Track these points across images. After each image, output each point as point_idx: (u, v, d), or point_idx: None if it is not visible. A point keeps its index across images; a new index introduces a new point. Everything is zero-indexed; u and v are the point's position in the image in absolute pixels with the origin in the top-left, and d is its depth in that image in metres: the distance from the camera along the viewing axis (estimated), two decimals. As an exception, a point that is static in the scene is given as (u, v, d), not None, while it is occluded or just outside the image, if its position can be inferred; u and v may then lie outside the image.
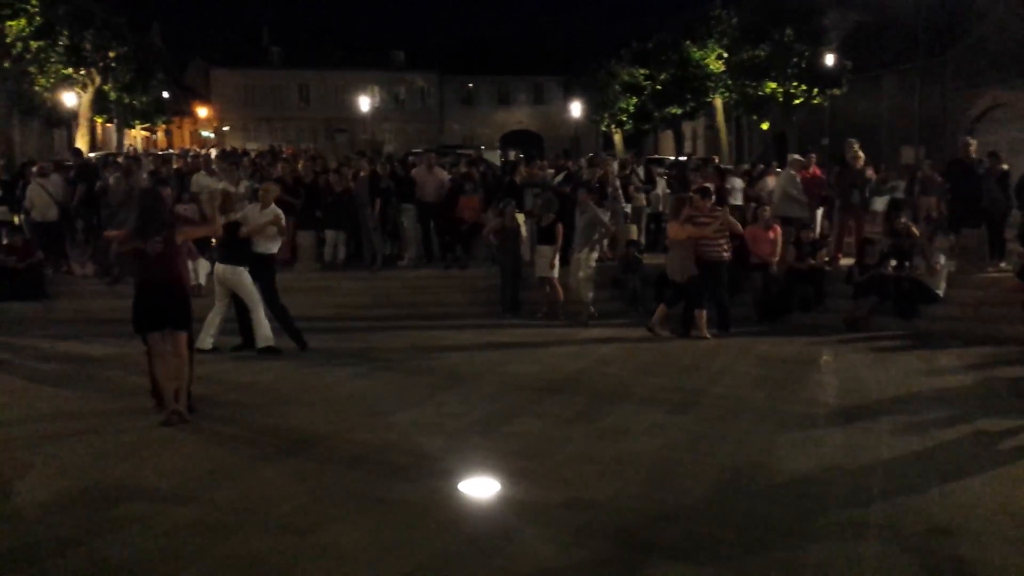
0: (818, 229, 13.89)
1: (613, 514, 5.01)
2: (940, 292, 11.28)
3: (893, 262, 11.65)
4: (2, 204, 13.33)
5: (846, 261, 12.89)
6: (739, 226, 11.07)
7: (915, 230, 12.05)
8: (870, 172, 13.32)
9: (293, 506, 5.10)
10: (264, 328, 9.40)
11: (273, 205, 9.72)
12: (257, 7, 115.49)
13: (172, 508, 5.05)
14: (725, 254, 10.68)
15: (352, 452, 6.11)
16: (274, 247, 9.76)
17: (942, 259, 11.36)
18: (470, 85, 65.89)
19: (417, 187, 14.05)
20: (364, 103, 56.08)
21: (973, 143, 12.90)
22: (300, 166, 15.25)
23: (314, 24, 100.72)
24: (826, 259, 12.58)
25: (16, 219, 13.66)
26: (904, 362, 9.39)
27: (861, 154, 13.18)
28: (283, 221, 9.81)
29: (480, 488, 5.45)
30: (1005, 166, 13.12)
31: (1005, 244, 12.56)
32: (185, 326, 6.92)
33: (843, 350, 10.05)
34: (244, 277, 9.30)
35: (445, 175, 14.86)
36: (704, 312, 10.57)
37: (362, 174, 14.21)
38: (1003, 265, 12.18)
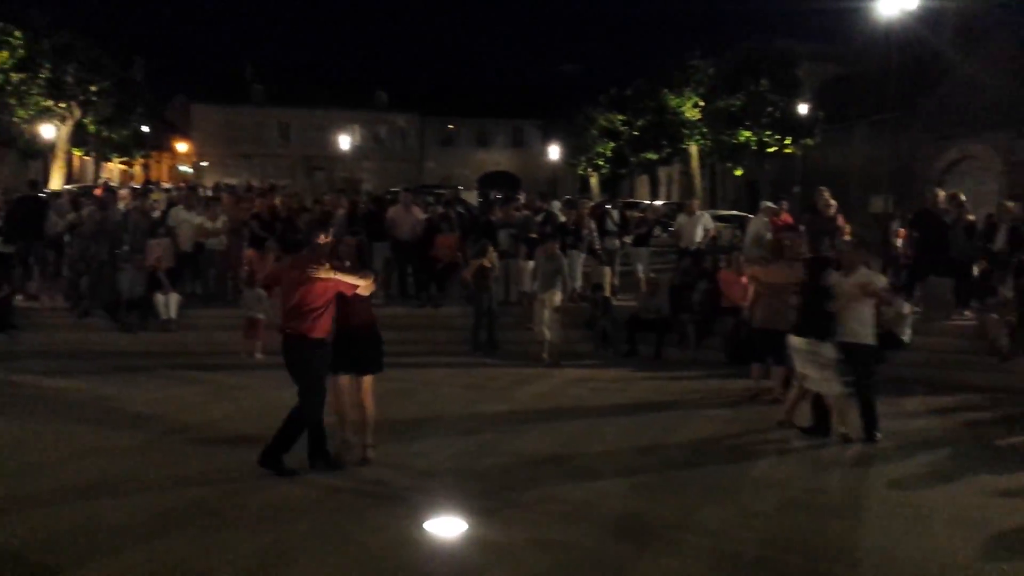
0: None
1: (582, 557, 5.03)
2: (906, 339, 11.42)
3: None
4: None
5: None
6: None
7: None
8: (841, 220, 13.53)
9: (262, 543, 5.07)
10: None
11: None
12: (242, 44, 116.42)
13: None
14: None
15: (325, 489, 6.08)
16: None
17: (907, 306, 11.50)
18: (450, 126, 66.53)
19: (393, 225, 14.08)
20: (344, 141, 56.34)
21: (941, 193, 13.15)
22: (278, 202, 15.29)
23: (298, 63, 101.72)
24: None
25: None
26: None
27: (832, 202, 13.39)
28: None
29: (447, 528, 5.44)
30: (971, 216, 13.37)
31: (970, 293, 12.75)
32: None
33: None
34: None
35: (421, 214, 14.92)
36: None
37: (340, 211, 14.25)
38: (966, 313, 12.37)
